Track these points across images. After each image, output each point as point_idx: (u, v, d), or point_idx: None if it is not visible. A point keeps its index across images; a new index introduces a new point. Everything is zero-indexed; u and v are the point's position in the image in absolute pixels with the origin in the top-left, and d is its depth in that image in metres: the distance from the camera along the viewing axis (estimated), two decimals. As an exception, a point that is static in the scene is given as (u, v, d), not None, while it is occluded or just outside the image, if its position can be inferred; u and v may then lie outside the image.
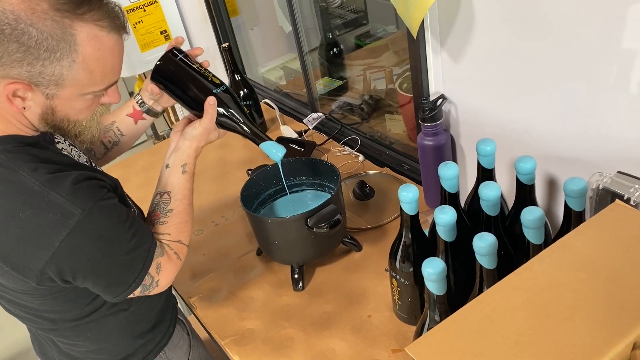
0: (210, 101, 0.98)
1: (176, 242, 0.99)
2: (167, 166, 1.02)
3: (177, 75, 1.01)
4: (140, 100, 1.12)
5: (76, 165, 0.90)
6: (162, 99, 1.13)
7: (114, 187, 0.93)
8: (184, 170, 1.00)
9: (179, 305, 1.25)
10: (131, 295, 0.93)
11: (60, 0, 0.75)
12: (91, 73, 0.81)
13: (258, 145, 1.04)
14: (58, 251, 0.82)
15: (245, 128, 1.02)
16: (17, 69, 0.76)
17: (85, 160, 0.99)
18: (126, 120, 1.14)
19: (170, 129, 2.72)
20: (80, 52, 0.78)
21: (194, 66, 1.01)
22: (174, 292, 1.26)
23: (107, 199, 0.86)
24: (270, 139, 1.04)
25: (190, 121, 1.02)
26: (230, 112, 1.00)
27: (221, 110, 1.00)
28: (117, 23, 0.82)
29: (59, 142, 0.95)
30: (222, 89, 1.00)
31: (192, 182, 1.03)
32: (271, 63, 2.28)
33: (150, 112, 1.14)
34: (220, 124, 1.02)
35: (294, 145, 1.64)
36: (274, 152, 1.03)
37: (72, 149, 0.97)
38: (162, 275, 0.95)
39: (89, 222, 0.82)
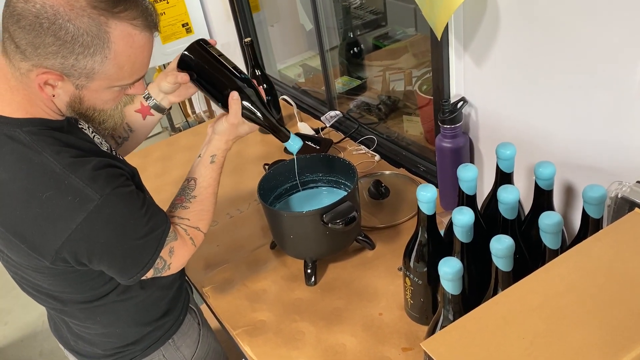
0: (234, 96, 1.00)
1: (194, 227, 1.01)
2: (199, 156, 1.05)
3: (201, 65, 1.01)
4: (147, 95, 1.11)
5: (98, 152, 0.92)
6: (171, 95, 1.10)
7: (131, 174, 0.95)
8: (212, 160, 1.04)
9: (193, 295, 1.27)
10: (144, 277, 0.95)
11: None
12: (121, 68, 0.83)
13: (277, 136, 1.05)
14: (74, 233, 0.84)
15: (265, 120, 1.04)
16: (52, 61, 0.78)
17: (107, 147, 1.01)
18: (134, 116, 1.14)
19: (187, 121, 2.74)
20: (113, 49, 0.80)
21: (219, 58, 1.02)
22: (187, 281, 1.28)
23: (125, 187, 0.89)
24: (289, 132, 1.06)
25: (223, 114, 1.04)
26: (251, 105, 1.01)
27: (245, 103, 1.01)
28: (149, 21, 0.83)
29: (83, 128, 0.97)
30: (245, 82, 1.01)
31: (219, 173, 1.05)
32: (290, 60, 2.29)
33: (157, 107, 1.12)
34: (242, 116, 1.03)
35: (310, 143, 1.65)
36: (292, 144, 1.05)
37: (94, 136, 0.99)
38: (174, 259, 0.97)
39: (106, 207, 0.85)
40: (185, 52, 1.01)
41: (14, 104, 0.84)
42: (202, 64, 1.01)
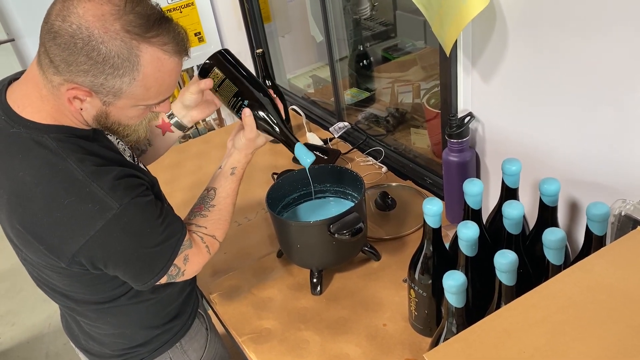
0: (246, 113, 1.03)
1: (210, 236, 1.04)
2: (219, 168, 1.09)
3: (222, 74, 1.03)
4: (170, 112, 1.14)
5: (120, 162, 0.95)
6: (193, 111, 1.12)
7: (151, 184, 0.98)
8: (232, 172, 1.07)
9: (203, 301, 1.29)
10: (157, 283, 0.97)
11: (132, 23, 0.80)
12: (148, 90, 0.86)
13: (291, 149, 1.07)
14: (92, 239, 0.87)
15: (280, 132, 1.05)
16: (82, 78, 0.81)
17: (129, 154, 1.04)
18: (155, 131, 1.17)
19: (197, 128, 2.77)
20: (142, 71, 0.82)
21: (239, 68, 1.04)
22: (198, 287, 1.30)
23: (144, 196, 0.91)
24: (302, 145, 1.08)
25: (240, 130, 1.07)
26: (267, 117, 1.04)
27: (261, 114, 1.03)
28: (180, 47, 0.86)
29: (108, 135, 1.00)
30: (262, 94, 1.04)
31: (239, 184, 1.08)
32: (299, 70, 2.32)
33: (179, 125, 1.15)
34: (257, 127, 1.05)
35: (318, 153, 1.67)
36: (304, 158, 1.07)
37: (119, 143, 1.02)
38: (188, 266, 1.00)
39: (124, 216, 0.87)
40: (207, 61, 1.03)
41: (44, 112, 0.88)
42: (223, 72, 1.03)
